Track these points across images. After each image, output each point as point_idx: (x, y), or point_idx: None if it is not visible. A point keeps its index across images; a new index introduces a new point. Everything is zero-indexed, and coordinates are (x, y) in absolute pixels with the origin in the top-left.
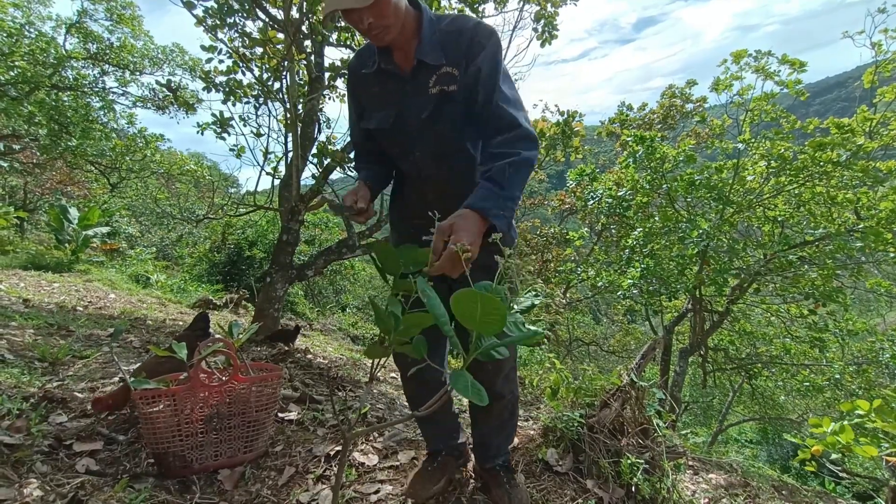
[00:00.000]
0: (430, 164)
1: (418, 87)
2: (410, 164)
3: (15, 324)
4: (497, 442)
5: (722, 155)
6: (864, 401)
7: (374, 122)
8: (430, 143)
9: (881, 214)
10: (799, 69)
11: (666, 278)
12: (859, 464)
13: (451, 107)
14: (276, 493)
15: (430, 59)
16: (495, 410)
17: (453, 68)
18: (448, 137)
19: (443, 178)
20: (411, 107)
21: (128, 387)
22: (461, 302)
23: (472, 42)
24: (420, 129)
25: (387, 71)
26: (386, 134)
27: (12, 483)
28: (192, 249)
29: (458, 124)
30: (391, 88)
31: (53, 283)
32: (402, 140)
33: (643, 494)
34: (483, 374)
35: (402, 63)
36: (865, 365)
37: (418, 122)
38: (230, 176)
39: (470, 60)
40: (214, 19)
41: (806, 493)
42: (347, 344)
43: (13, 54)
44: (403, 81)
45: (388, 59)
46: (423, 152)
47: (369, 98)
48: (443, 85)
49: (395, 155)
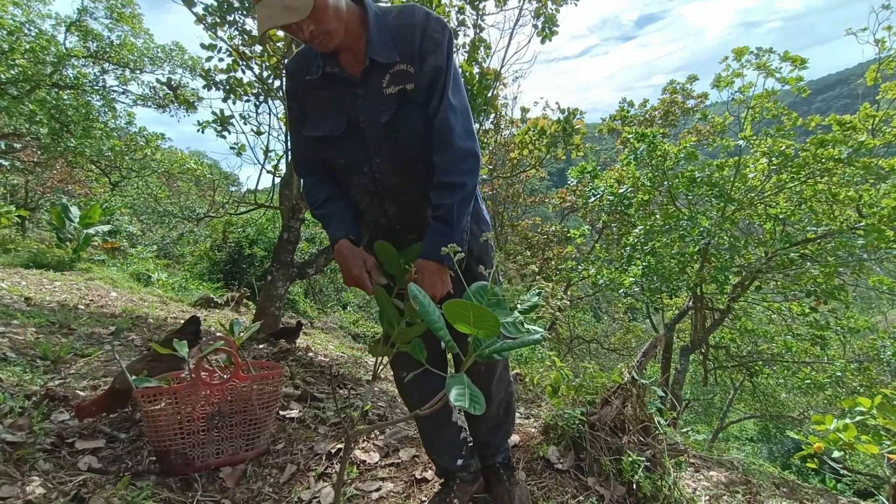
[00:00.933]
0: (390, 174)
1: (372, 89)
2: (365, 175)
3: (17, 322)
4: (496, 440)
5: (723, 152)
6: (865, 398)
7: (321, 129)
8: (391, 150)
9: (883, 212)
10: (800, 66)
11: (667, 276)
12: (860, 461)
13: (412, 109)
14: (277, 491)
15: (382, 56)
16: (490, 412)
17: (408, 65)
18: (410, 143)
19: (404, 188)
20: (367, 112)
21: (113, 391)
22: (454, 311)
23: (424, 36)
24: (379, 136)
25: (333, 75)
26: (336, 143)
27: (15, 481)
28: (193, 248)
29: (419, 128)
30: (341, 93)
31: (55, 281)
32: (355, 149)
33: (644, 492)
34: (477, 378)
35: (350, 65)
36: (867, 362)
37: (377, 127)
38: (231, 174)
39: (424, 57)
40: (214, 17)
41: (807, 490)
42: (348, 342)
43: (13, 52)
44: (354, 85)
45: (333, 62)
46: (382, 160)
47: (316, 104)
48: (399, 84)
49: (343, 168)
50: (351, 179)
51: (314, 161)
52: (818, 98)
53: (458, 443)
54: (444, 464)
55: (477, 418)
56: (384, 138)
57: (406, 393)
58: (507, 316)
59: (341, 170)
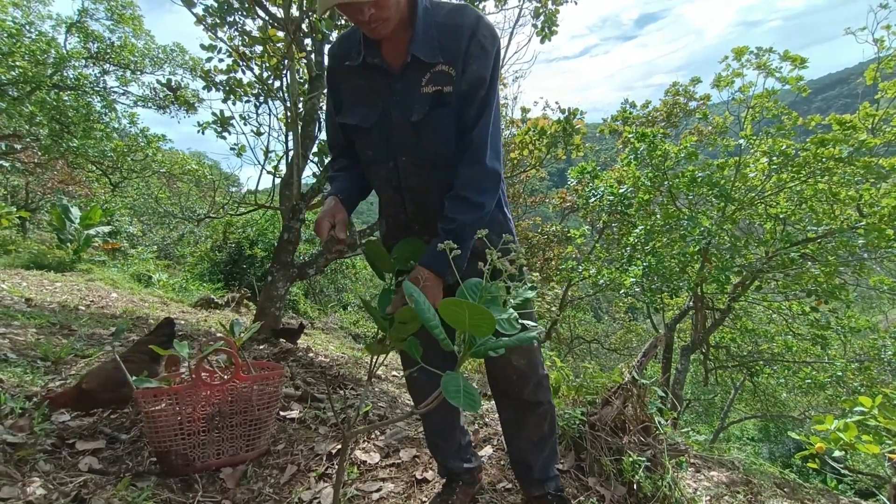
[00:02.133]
0: (413, 174)
1: (409, 85)
2: (390, 170)
3: (17, 323)
4: (539, 461)
5: (724, 152)
6: (866, 398)
7: (353, 118)
8: (416, 150)
9: (883, 211)
10: (800, 65)
11: (668, 276)
12: (861, 461)
13: (445, 112)
14: (277, 492)
15: (425, 55)
16: (531, 421)
17: (449, 67)
18: (436, 146)
19: (425, 189)
20: (399, 107)
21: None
22: (449, 309)
23: (472, 41)
24: (407, 134)
25: (373, 65)
26: (366, 134)
27: (16, 482)
28: (193, 248)
29: (448, 133)
30: (378, 84)
31: (55, 282)
32: (383, 143)
33: (645, 492)
34: (507, 384)
35: (390, 57)
36: (867, 362)
37: (406, 124)
38: (231, 175)
39: (468, 62)
40: (214, 18)
41: (808, 490)
42: (349, 342)
43: (13, 54)
44: (392, 78)
45: (374, 52)
46: (407, 159)
47: (352, 91)
48: (437, 84)
49: (371, 159)
50: (377, 172)
51: (344, 146)
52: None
53: (464, 446)
54: (449, 465)
55: (516, 430)
56: (411, 137)
57: (415, 392)
58: (502, 313)
59: (368, 161)
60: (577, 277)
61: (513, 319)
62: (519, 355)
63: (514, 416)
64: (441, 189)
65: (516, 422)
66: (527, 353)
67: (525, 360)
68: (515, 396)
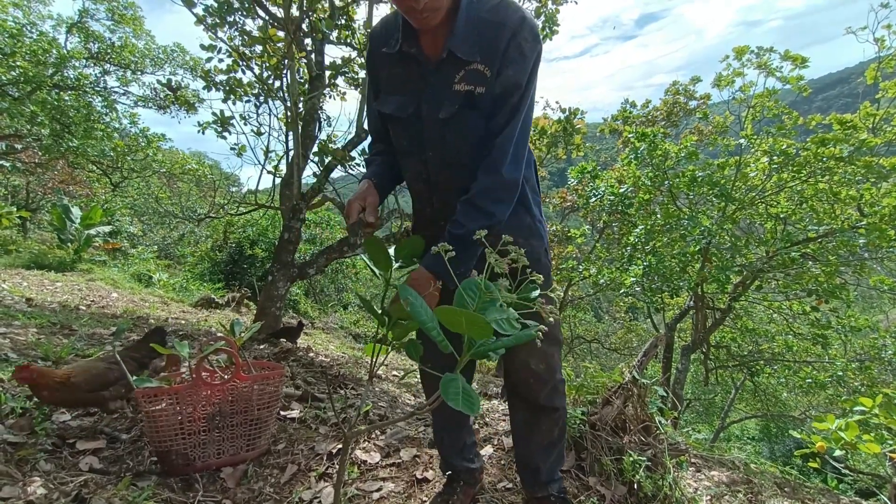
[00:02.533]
0: (440, 171)
1: (442, 80)
2: (421, 164)
3: (18, 323)
4: (547, 464)
5: (724, 152)
6: (867, 398)
7: (390, 106)
8: (442, 147)
9: (884, 211)
10: (801, 65)
11: (668, 275)
12: (862, 461)
13: (474, 115)
14: (278, 491)
15: (463, 52)
16: (544, 426)
17: (485, 67)
18: (460, 148)
19: (450, 187)
20: (430, 102)
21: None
22: (446, 317)
23: (511, 43)
24: (435, 129)
25: (410, 54)
26: (401, 124)
27: (16, 481)
28: (193, 248)
29: (474, 136)
30: (414, 74)
31: (56, 282)
32: (416, 136)
33: (645, 491)
34: (524, 388)
35: (428, 49)
36: (868, 362)
37: (435, 120)
38: (231, 175)
39: (504, 65)
40: (214, 18)
41: (808, 489)
42: (349, 342)
43: (15, 55)
44: (427, 71)
45: (412, 41)
46: (434, 154)
47: (390, 78)
48: (470, 84)
49: (405, 150)
50: (409, 164)
51: (383, 132)
52: (819, 97)
53: (469, 446)
54: (453, 464)
55: (528, 433)
56: (438, 134)
57: (428, 386)
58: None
59: (402, 151)
60: (578, 277)
61: (512, 320)
62: (538, 359)
63: (526, 419)
64: (464, 190)
65: (528, 425)
66: (546, 358)
67: (544, 365)
68: (531, 400)
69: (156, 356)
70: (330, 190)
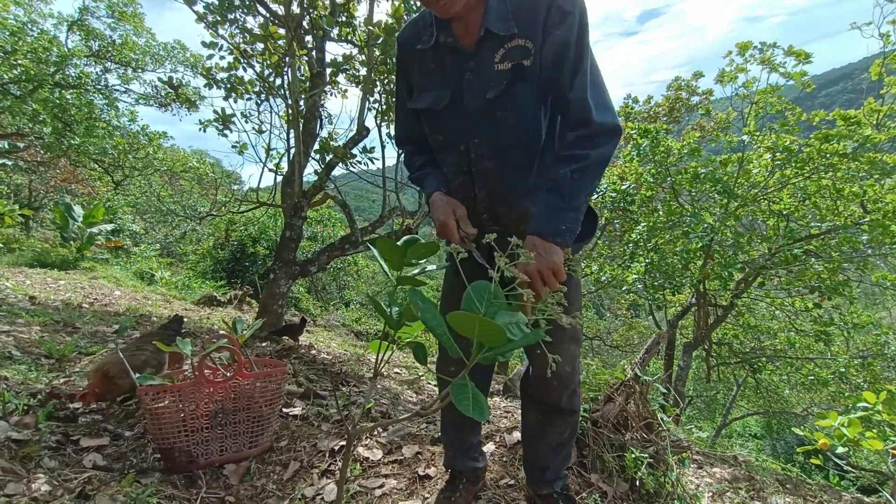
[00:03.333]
0: (486, 156)
1: (482, 62)
2: (459, 155)
3: (21, 321)
4: (556, 463)
5: (727, 148)
6: (870, 394)
7: (424, 101)
8: (491, 131)
9: (887, 207)
10: (804, 60)
11: (670, 273)
12: (864, 457)
13: (524, 87)
14: (281, 488)
15: (499, 28)
16: (559, 427)
17: (526, 40)
18: (514, 125)
19: (497, 173)
20: (473, 87)
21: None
22: (460, 323)
23: (550, 10)
24: (481, 114)
25: (445, 44)
26: (437, 117)
27: (21, 478)
28: (195, 246)
29: (528, 110)
30: (450, 65)
31: (59, 280)
32: (455, 126)
33: (647, 488)
34: (547, 390)
35: (462, 36)
36: (871, 358)
37: (481, 103)
38: (233, 173)
39: (549, 30)
40: (215, 15)
41: (810, 486)
42: (351, 340)
43: (16, 53)
44: (465, 57)
45: (446, 30)
46: (480, 141)
47: (423, 74)
48: (513, 59)
49: (441, 144)
50: (447, 158)
51: (415, 133)
52: (822, 93)
53: (475, 444)
54: (459, 461)
55: (542, 433)
56: (486, 117)
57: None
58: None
59: (439, 146)
60: (580, 274)
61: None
62: (566, 361)
63: (541, 421)
64: (514, 175)
65: (541, 426)
66: (573, 360)
67: (570, 368)
68: (551, 403)
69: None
70: (331, 187)
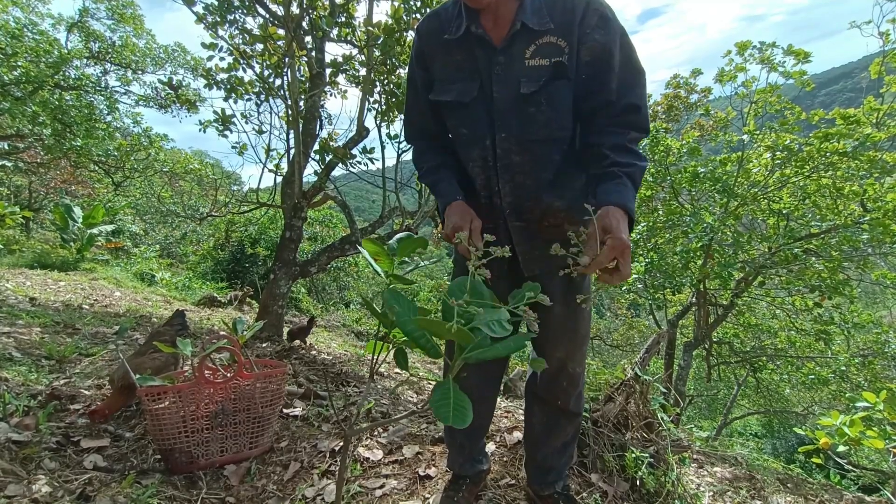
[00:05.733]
0: (512, 152)
1: (513, 57)
2: (486, 149)
3: (22, 322)
4: (559, 464)
5: (726, 147)
6: (870, 393)
7: (450, 94)
8: (521, 125)
9: (888, 206)
10: (804, 60)
11: (670, 272)
12: (865, 456)
13: (563, 84)
14: (281, 488)
15: (535, 22)
16: (564, 429)
17: (559, 38)
18: (547, 122)
19: (523, 168)
20: (504, 81)
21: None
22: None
23: (587, 11)
24: (511, 109)
25: (476, 36)
26: (463, 111)
27: (21, 479)
28: (196, 247)
29: (564, 107)
30: (478, 58)
31: (59, 281)
32: (481, 120)
33: (648, 488)
34: (555, 391)
35: (491, 29)
36: (871, 357)
37: (512, 98)
38: (233, 173)
39: (587, 32)
40: (214, 16)
41: (811, 485)
42: (351, 340)
43: (17, 55)
44: (494, 51)
45: (476, 22)
46: (508, 135)
47: (447, 66)
48: (546, 56)
49: (466, 138)
50: (471, 152)
51: (427, 128)
52: (822, 92)
53: (481, 447)
54: (464, 464)
55: (547, 435)
56: (517, 112)
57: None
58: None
59: (463, 140)
60: None
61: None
62: (575, 362)
63: (545, 422)
64: (540, 170)
65: (546, 427)
66: (582, 361)
67: (580, 369)
68: (559, 405)
69: (184, 333)
70: (331, 188)
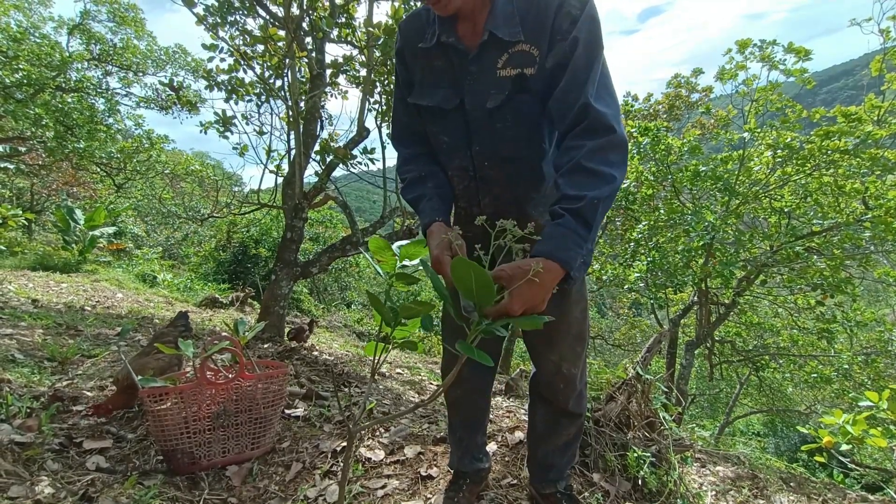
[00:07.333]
0: (488, 165)
1: (484, 67)
2: (464, 159)
3: (24, 324)
4: (561, 462)
5: (727, 146)
6: (873, 392)
7: (432, 99)
8: (491, 141)
9: (889, 203)
10: (804, 57)
11: (672, 271)
12: (868, 455)
13: (526, 98)
14: (283, 489)
15: (504, 32)
16: (566, 429)
17: (532, 46)
18: (514, 138)
19: (501, 182)
20: (474, 93)
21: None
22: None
23: (558, 16)
24: (482, 122)
25: (448, 45)
26: (443, 118)
27: (24, 481)
28: (197, 248)
29: (530, 121)
30: (454, 65)
31: (61, 283)
32: (460, 129)
33: (650, 487)
34: (553, 392)
35: (466, 37)
36: (874, 355)
37: (482, 112)
38: (234, 174)
39: (556, 37)
40: (215, 17)
41: (814, 484)
42: (353, 340)
43: (19, 58)
44: (467, 60)
45: (449, 30)
46: (482, 149)
47: (429, 71)
48: (516, 66)
49: (447, 147)
50: (452, 160)
51: (413, 132)
52: (823, 89)
53: (481, 445)
54: (464, 462)
55: (549, 433)
56: (487, 126)
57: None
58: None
59: (444, 148)
60: None
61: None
62: (570, 362)
63: (547, 421)
64: (520, 185)
65: (548, 427)
66: (577, 361)
67: (576, 370)
68: (558, 405)
69: (187, 334)
70: (332, 188)
